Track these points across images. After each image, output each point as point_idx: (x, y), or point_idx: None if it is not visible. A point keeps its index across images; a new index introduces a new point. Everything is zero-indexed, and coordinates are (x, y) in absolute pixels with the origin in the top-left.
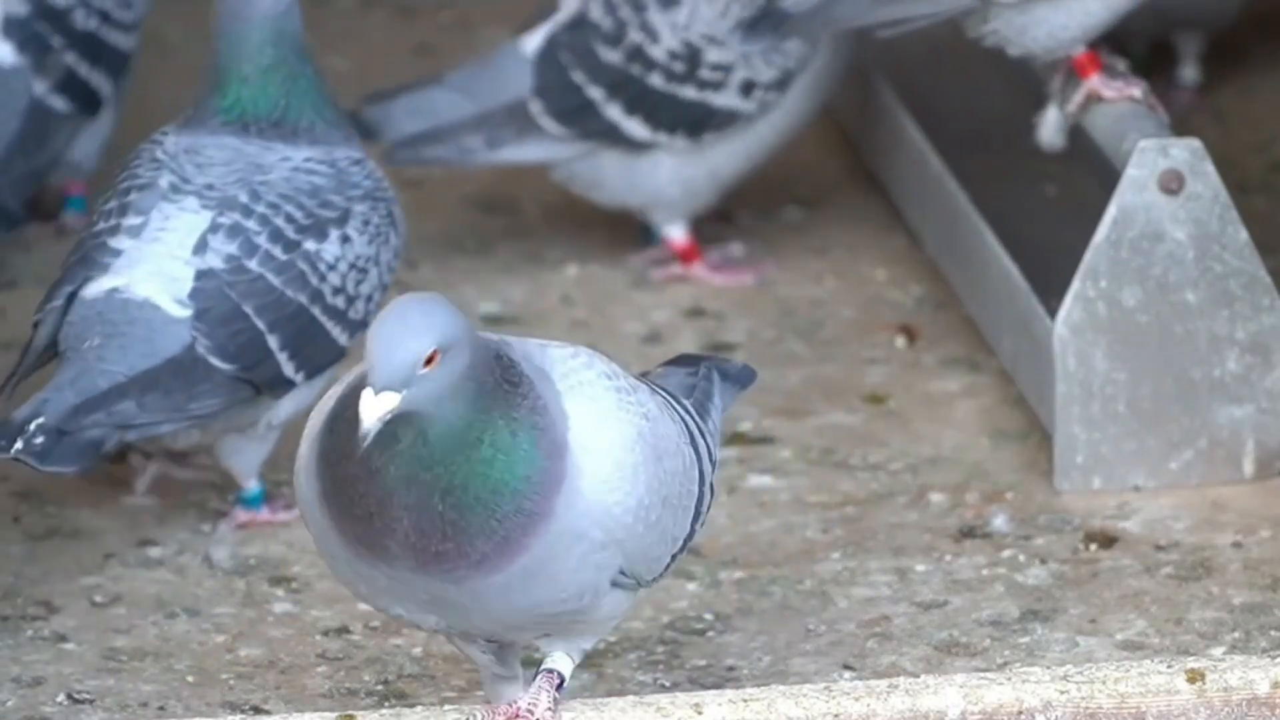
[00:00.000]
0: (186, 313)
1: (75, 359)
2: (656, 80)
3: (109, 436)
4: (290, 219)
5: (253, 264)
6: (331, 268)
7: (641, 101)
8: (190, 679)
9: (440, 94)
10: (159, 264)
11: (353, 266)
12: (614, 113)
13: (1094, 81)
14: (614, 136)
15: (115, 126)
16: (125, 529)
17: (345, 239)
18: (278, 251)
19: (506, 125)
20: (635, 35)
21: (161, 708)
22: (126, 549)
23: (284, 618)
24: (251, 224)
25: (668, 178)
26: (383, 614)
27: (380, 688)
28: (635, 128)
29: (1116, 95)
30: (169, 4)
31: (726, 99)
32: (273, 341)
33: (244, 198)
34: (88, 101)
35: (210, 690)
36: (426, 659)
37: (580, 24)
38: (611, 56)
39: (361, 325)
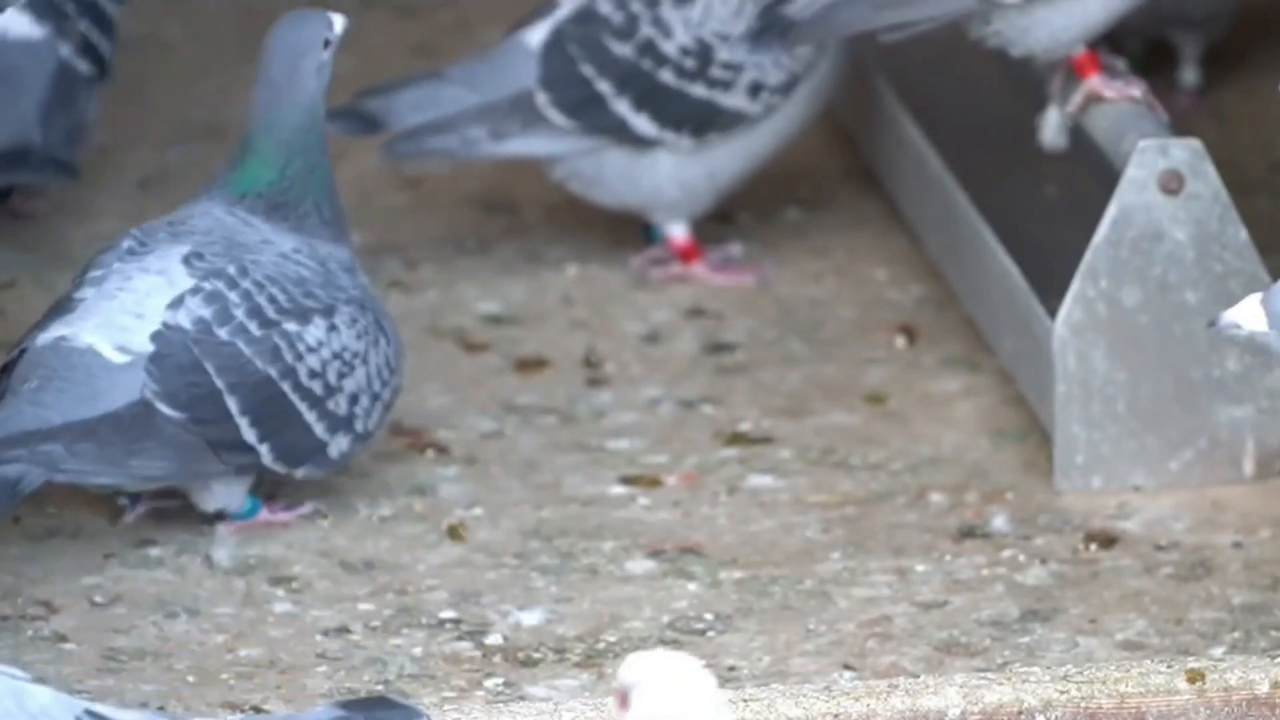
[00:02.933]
0: (129, 359)
1: (12, 400)
2: (667, 76)
3: (29, 476)
4: (273, 300)
5: (223, 332)
6: (312, 350)
7: (651, 97)
8: (190, 679)
9: (443, 87)
10: (112, 316)
11: (336, 356)
12: (622, 107)
13: (1094, 81)
14: (621, 132)
15: (97, 102)
16: (125, 529)
17: (332, 328)
18: (253, 326)
19: (512, 117)
20: (647, 30)
21: (161, 708)
22: (126, 549)
23: (284, 618)
24: (233, 296)
25: (667, 177)
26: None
27: (380, 688)
28: (643, 124)
29: (1116, 95)
30: (169, 3)
31: (734, 100)
32: (232, 404)
33: (231, 270)
34: (101, 66)
35: (210, 690)
36: (426, 659)
37: (588, 17)
38: (622, 50)
39: (347, 426)
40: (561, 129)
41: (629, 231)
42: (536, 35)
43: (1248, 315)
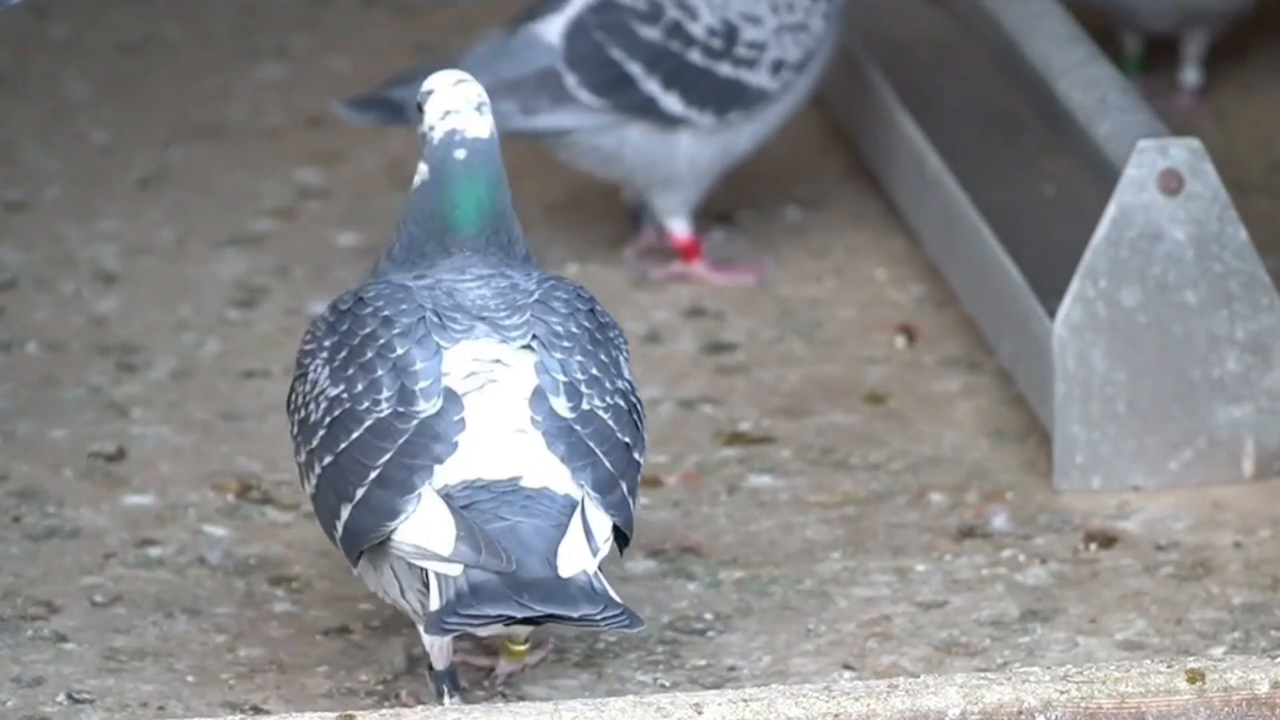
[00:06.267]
0: None
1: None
2: (696, 56)
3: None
4: None
5: None
6: None
7: (680, 76)
8: (190, 679)
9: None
10: None
11: None
12: (652, 87)
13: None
14: (650, 110)
15: None
16: (125, 529)
17: None
18: None
19: (539, 94)
20: (673, 13)
21: (161, 708)
22: (126, 549)
23: (284, 618)
24: None
25: (683, 155)
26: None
27: (380, 688)
28: (672, 102)
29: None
30: (169, 3)
31: (758, 78)
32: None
33: None
34: None
35: (210, 690)
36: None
37: (609, 6)
38: (650, 34)
39: None
40: (591, 107)
41: (629, 231)
42: (553, 27)
43: None
